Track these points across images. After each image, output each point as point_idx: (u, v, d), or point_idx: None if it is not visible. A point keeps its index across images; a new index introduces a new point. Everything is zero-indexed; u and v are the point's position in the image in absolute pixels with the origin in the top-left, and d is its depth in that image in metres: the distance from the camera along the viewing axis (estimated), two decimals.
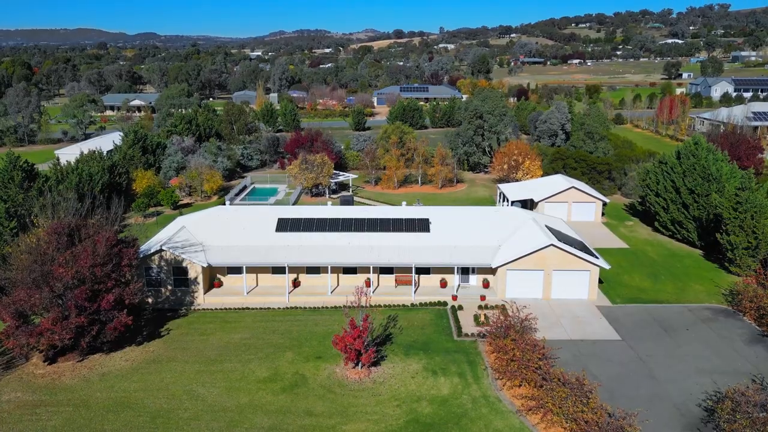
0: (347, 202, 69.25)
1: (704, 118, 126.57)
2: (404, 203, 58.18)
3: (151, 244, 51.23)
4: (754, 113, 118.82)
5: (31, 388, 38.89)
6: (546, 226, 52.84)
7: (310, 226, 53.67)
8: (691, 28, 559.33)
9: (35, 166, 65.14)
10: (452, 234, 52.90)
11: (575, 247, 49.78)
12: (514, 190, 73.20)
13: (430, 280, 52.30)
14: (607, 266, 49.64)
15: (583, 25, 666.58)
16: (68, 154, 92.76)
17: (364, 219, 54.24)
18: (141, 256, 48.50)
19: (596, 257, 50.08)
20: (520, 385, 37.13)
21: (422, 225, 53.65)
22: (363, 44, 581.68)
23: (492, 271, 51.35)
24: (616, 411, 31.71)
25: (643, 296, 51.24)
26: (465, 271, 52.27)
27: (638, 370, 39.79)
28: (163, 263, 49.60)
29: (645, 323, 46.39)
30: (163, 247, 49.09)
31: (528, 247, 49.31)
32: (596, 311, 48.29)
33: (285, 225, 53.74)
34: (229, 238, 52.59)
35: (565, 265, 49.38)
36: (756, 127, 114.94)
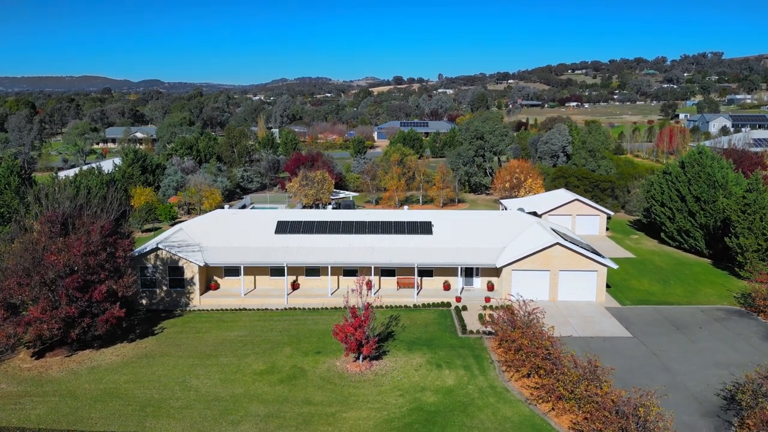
0: (348, 206, 68.20)
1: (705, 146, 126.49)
2: (406, 207, 57.16)
3: (147, 245, 49.98)
4: (754, 140, 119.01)
5: (16, 380, 37.13)
6: (551, 229, 51.74)
7: (310, 228, 52.52)
8: (685, 74, 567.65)
9: (33, 175, 64.33)
10: (455, 236, 51.74)
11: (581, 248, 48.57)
12: (516, 204, 72.21)
13: (433, 283, 50.85)
14: (614, 266, 48.32)
15: (580, 72, 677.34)
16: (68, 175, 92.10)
17: (365, 222, 53.12)
18: (136, 254, 47.31)
19: (603, 257, 48.80)
20: (529, 375, 35.40)
21: (425, 227, 52.52)
22: (363, 89, 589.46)
23: (496, 272, 50.00)
24: (632, 390, 29.92)
25: (652, 299, 49.75)
26: (469, 274, 50.90)
27: (652, 363, 38.09)
28: (158, 262, 48.26)
29: (656, 322, 44.81)
30: (159, 246, 47.86)
31: (533, 246, 48.08)
32: (605, 312, 46.75)
33: (284, 227, 52.60)
34: (227, 239, 51.40)
35: (572, 265, 48.04)
36: (756, 153, 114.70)
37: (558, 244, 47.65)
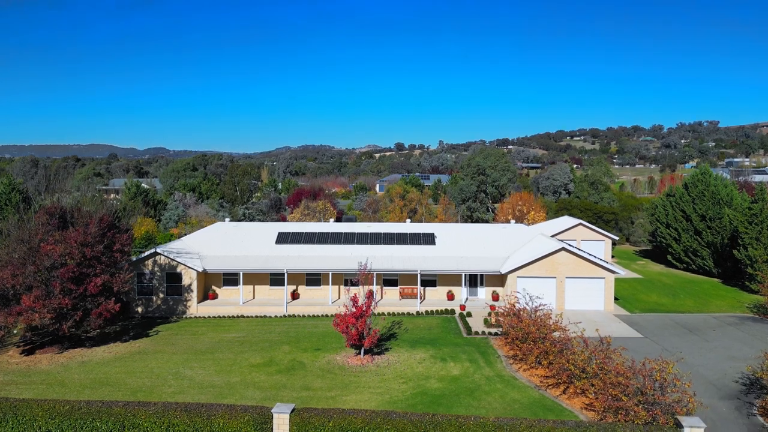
0: (350, 220, 67.50)
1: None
2: (408, 220, 56.61)
3: (146, 252, 49.17)
4: (756, 182, 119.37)
5: (2, 372, 35.70)
6: (557, 239, 50.99)
7: (311, 239, 51.82)
8: (682, 141, 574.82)
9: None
10: (459, 247, 50.95)
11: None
12: None
13: (436, 293, 49.68)
14: (621, 272, 47.38)
15: (578, 138, 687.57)
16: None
17: (368, 233, 52.45)
18: (134, 260, 46.52)
19: (610, 264, 47.83)
20: (538, 361, 33.93)
21: (428, 238, 51.80)
22: (365, 153, 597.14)
23: (501, 282, 48.92)
24: (647, 362, 28.48)
25: (662, 308, 48.43)
26: (473, 284, 49.80)
27: (666, 358, 36.50)
28: (156, 268, 47.34)
29: (668, 326, 43.43)
30: (158, 250, 47.08)
31: (539, 252, 47.24)
32: (615, 318, 45.39)
33: (285, 238, 51.92)
34: (227, 249, 50.66)
35: (579, 272, 47.02)
36: None
37: (564, 249, 46.84)
